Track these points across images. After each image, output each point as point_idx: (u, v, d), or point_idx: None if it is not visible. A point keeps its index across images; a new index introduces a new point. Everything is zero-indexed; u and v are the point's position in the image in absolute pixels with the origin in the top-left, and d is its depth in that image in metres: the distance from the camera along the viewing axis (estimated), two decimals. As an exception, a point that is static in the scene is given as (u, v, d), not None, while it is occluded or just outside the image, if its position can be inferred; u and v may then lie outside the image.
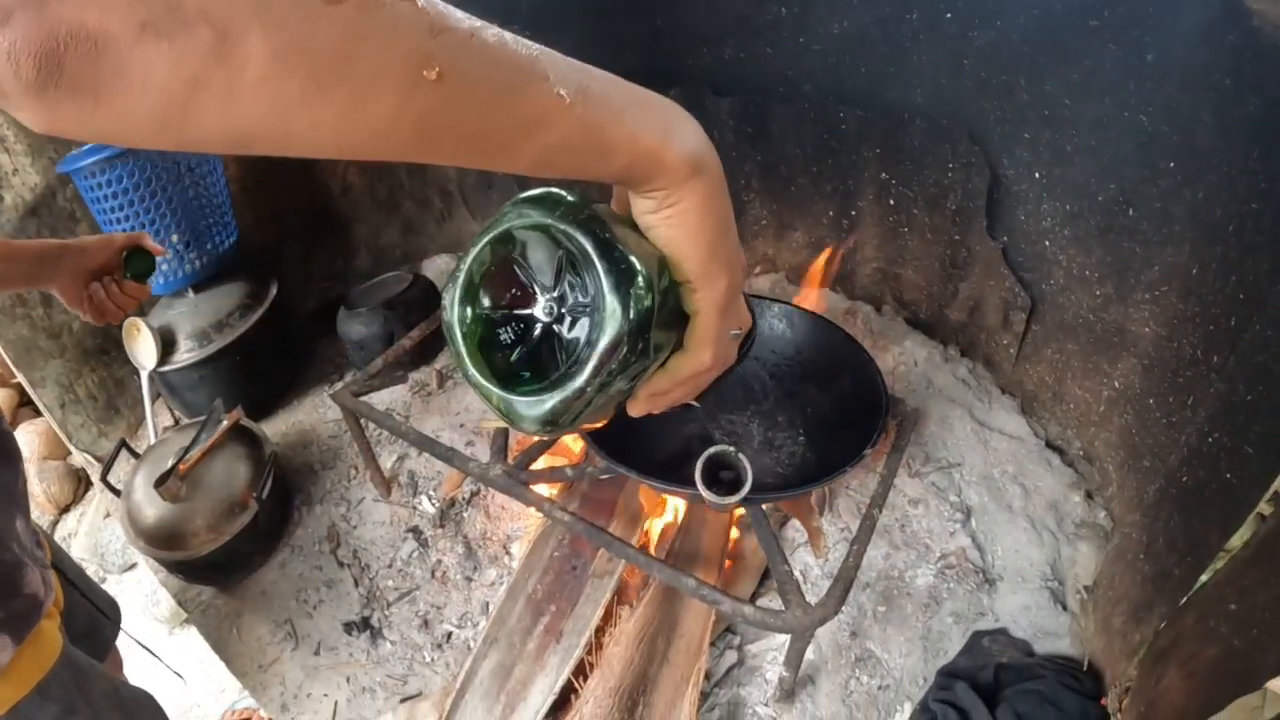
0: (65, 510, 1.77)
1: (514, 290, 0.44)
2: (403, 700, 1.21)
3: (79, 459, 1.67)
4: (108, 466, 1.39)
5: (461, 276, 0.43)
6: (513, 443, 1.17)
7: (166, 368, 1.50)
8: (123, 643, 1.08)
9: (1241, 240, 0.87)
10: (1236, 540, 0.81)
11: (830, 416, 1.13)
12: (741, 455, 0.87)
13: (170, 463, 1.31)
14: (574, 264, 0.41)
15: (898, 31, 1.13)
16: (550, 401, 0.41)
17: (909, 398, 1.33)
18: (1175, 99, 0.90)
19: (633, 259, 0.40)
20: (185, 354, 1.50)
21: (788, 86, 1.26)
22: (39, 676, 0.74)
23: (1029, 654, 1.11)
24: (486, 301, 0.44)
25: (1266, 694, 1.00)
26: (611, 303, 0.39)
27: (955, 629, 1.15)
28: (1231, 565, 0.82)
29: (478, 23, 0.32)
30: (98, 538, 1.75)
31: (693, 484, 0.87)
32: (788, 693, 1.08)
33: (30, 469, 1.78)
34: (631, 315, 0.39)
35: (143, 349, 1.50)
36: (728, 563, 1.18)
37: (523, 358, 0.44)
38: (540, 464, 1.16)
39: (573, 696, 1.05)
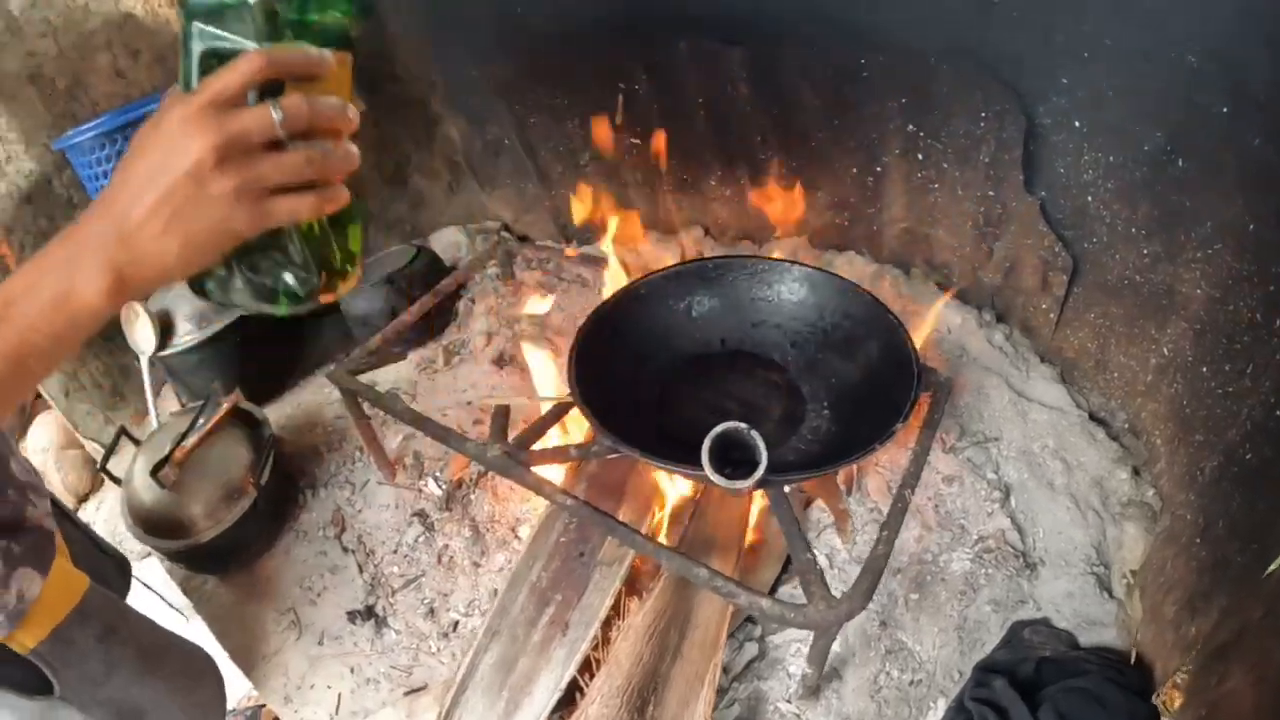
0: (84, 499, 1.68)
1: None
2: (406, 693, 1.10)
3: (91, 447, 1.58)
4: (107, 455, 1.29)
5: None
6: (515, 421, 1.04)
7: (166, 352, 1.38)
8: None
9: (1305, 193, 0.72)
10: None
11: (857, 388, 0.98)
12: (754, 433, 0.74)
13: (167, 449, 1.21)
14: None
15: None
16: None
17: (942, 367, 1.18)
18: (1225, 33, 0.74)
19: None
20: (184, 337, 1.38)
21: (802, 33, 1.10)
22: (74, 602, 0.76)
23: (1073, 646, 0.97)
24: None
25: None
26: None
27: (993, 618, 1.00)
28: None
29: None
30: (116, 525, 1.67)
31: (700, 465, 0.74)
32: (812, 689, 0.94)
33: (48, 458, 1.69)
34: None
35: (141, 334, 1.38)
36: (748, 547, 1.04)
37: None
38: (545, 443, 1.02)
39: (578, 695, 0.93)
